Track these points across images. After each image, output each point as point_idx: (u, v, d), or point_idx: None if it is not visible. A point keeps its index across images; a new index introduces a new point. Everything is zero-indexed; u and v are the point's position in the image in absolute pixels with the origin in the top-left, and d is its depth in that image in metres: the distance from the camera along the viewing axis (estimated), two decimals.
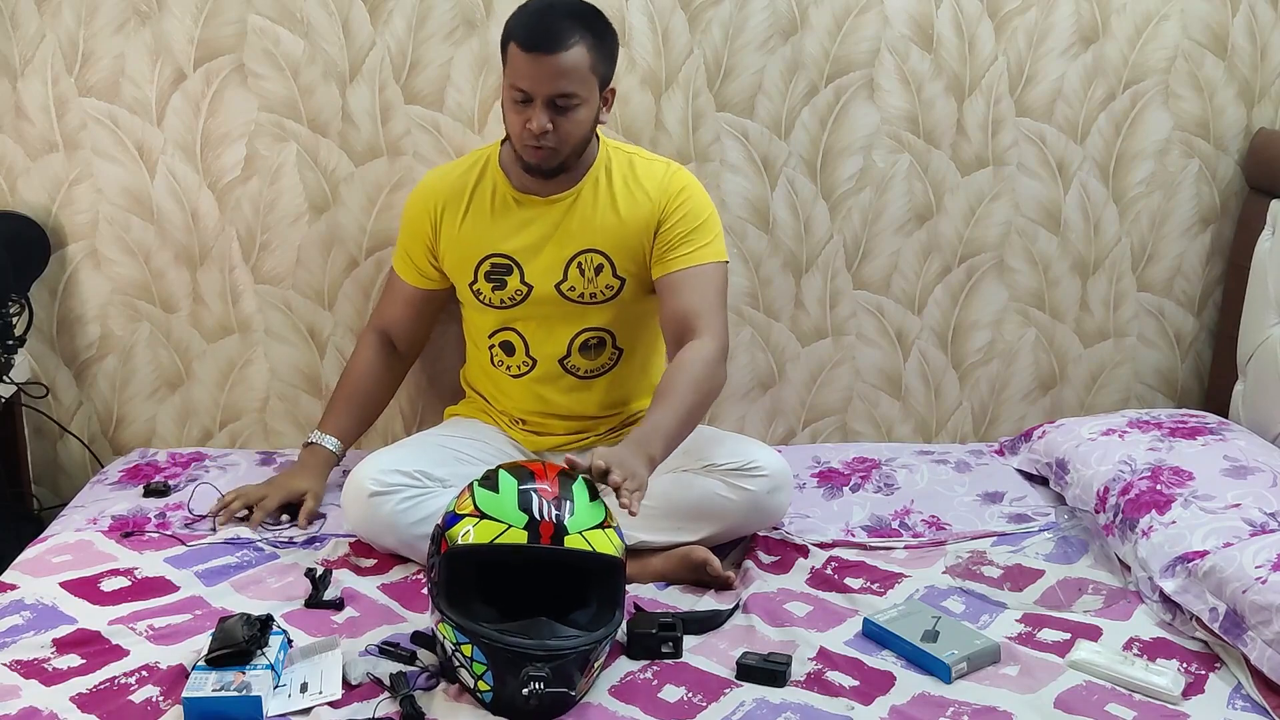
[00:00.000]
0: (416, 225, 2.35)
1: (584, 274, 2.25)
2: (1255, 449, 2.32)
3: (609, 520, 1.84)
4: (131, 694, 1.77)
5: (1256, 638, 1.82)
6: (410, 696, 1.74)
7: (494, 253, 2.27)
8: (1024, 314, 2.84)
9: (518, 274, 2.26)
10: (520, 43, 2.07)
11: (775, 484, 2.21)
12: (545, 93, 2.07)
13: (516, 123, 2.12)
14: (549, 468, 1.88)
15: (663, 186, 2.25)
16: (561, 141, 2.12)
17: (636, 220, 2.24)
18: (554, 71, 2.05)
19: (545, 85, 2.06)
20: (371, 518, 2.13)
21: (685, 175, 2.30)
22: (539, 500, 1.78)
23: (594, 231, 2.24)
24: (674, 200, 2.25)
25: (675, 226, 2.24)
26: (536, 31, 2.06)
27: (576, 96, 2.09)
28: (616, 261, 2.25)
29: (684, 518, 2.17)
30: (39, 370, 2.71)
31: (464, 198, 2.29)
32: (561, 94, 2.07)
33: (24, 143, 2.58)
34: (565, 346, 2.30)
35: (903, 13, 2.61)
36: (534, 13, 2.11)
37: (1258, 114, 2.74)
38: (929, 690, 1.82)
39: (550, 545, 1.76)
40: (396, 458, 2.18)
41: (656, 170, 2.28)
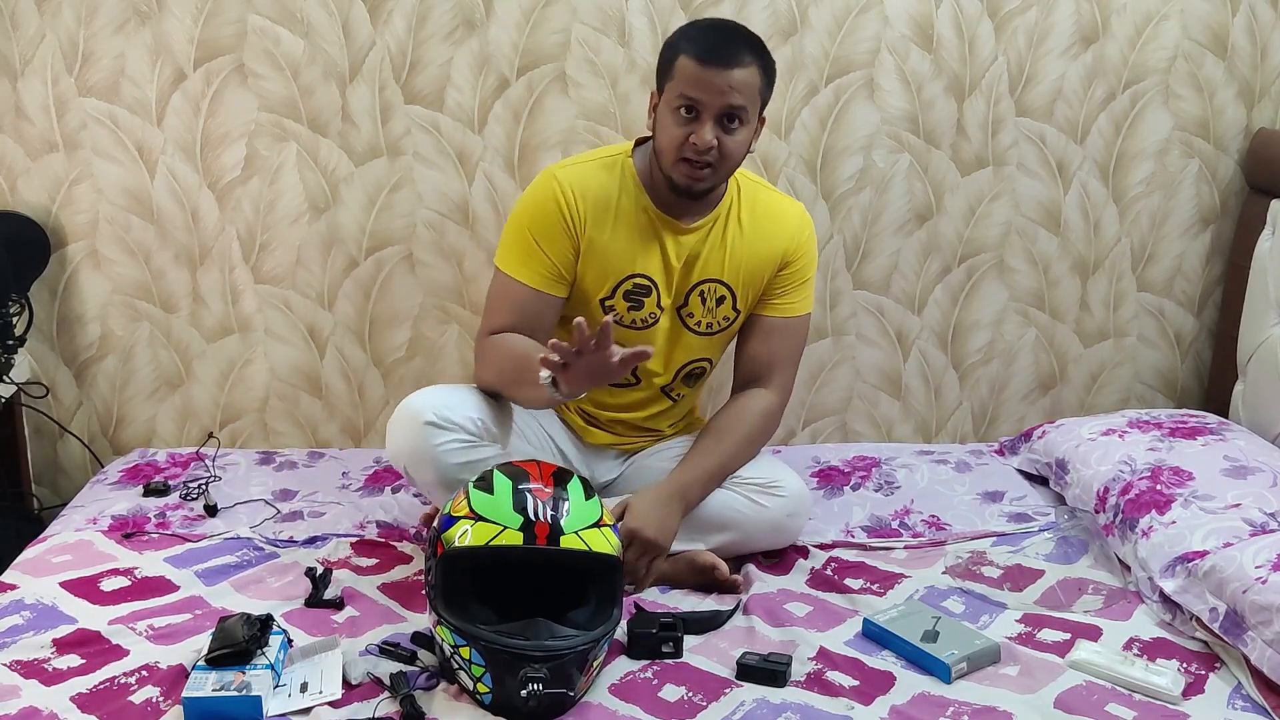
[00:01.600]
0: (556, 224, 2.12)
1: (705, 303, 2.20)
2: (1255, 449, 2.32)
3: (605, 519, 1.84)
4: (131, 694, 1.77)
5: (1256, 638, 1.81)
6: (410, 696, 1.74)
7: (639, 273, 2.16)
8: (1024, 314, 2.84)
9: (655, 296, 2.18)
10: (696, 55, 2.00)
11: (794, 508, 2.21)
12: (717, 105, 2.00)
13: (678, 137, 2.02)
14: (544, 467, 1.88)
15: (796, 229, 2.23)
16: (721, 161, 2.04)
17: (765, 257, 2.20)
18: (729, 85, 1.99)
19: (719, 98, 1.99)
20: (420, 446, 2.04)
21: (810, 221, 2.28)
22: (534, 501, 1.78)
23: (723, 263, 2.18)
24: (802, 247, 2.23)
25: (794, 274, 2.23)
26: (715, 45, 2.01)
27: (744, 114, 2.03)
28: (739, 295, 2.22)
29: (699, 527, 2.16)
30: (39, 370, 2.71)
31: (611, 207, 2.14)
32: (732, 107, 2.00)
33: (24, 143, 2.58)
34: (673, 375, 2.27)
35: (903, 13, 2.61)
36: (710, 29, 2.07)
37: (1258, 114, 2.74)
38: (929, 690, 1.82)
39: (546, 546, 1.75)
40: (459, 396, 2.09)
41: (787, 209, 2.26)
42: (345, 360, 2.75)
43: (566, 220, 2.12)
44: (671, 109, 2.03)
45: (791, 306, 2.25)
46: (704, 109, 2.00)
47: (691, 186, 2.07)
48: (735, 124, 2.03)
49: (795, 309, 2.25)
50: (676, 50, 2.04)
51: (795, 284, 2.24)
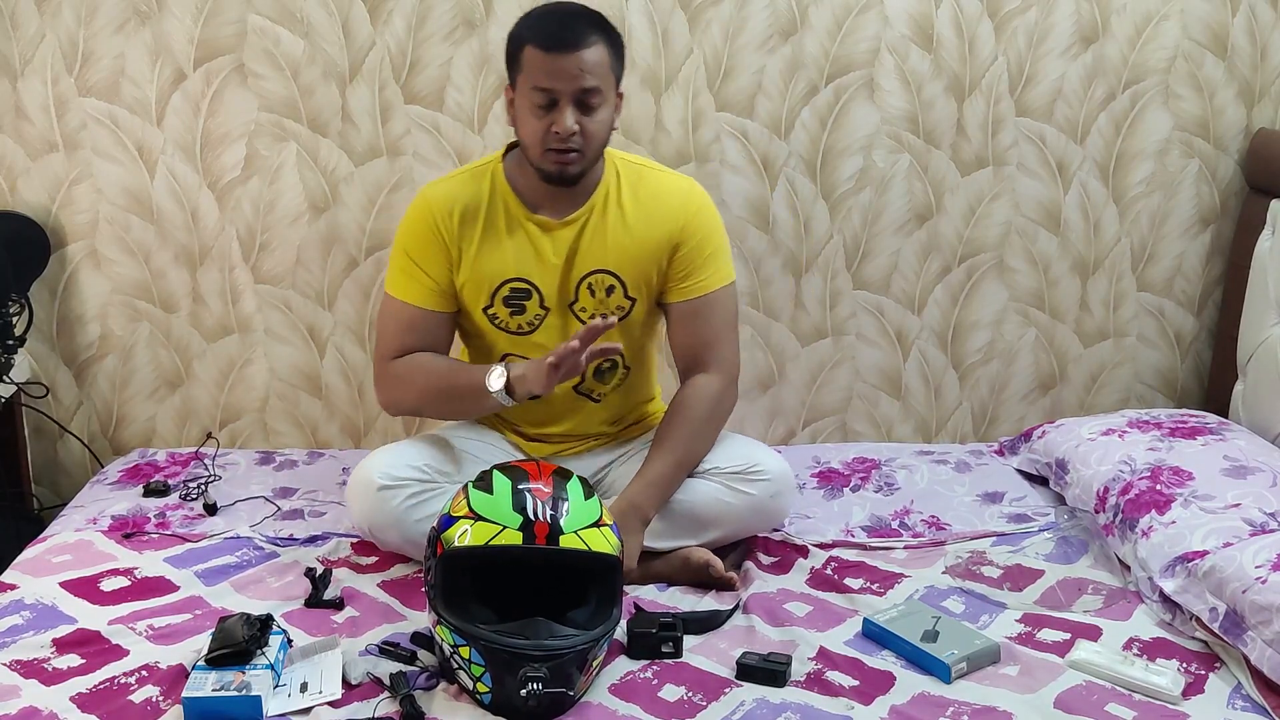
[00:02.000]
0: (431, 240, 2.15)
1: (594, 295, 2.17)
2: (1255, 449, 2.32)
3: (604, 518, 1.84)
4: (131, 694, 1.77)
5: (1256, 638, 1.81)
6: (410, 696, 1.74)
7: (513, 276, 2.16)
8: (1024, 314, 2.84)
9: (537, 298, 2.17)
10: (540, 44, 2.00)
11: (777, 488, 2.20)
12: (572, 89, 2.00)
13: (538, 128, 2.03)
14: (543, 467, 1.88)
15: (681, 207, 2.18)
16: (587, 143, 2.04)
17: (651, 240, 2.16)
18: (579, 68, 1.99)
19: (572, 82, 1.99)
20: (378, 511, 2.10)
21: (701, 194, 2.22)
22: (533, 500, 1.78)
23: (606, 252, 2.16)
24: (693, 223, 2.18)
25: (693, 252, 2.18)
26: (556, 31, 2.01)
27: (600, 93, 2.03)
28: (628, 282, 2.17)
29: (686, 523, 2.16)
30: (39, 370, 2.71)
31: (479, 216, 2.15)
32: (587, 89, 2.00)
33: (24, 143, 2.58)
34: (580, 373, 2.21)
35: (903, 13, 2.61)
36: (547, 15, 2.07)
37: (1258, 114, 2.74)
38: (929, 690, 1.82)
39: (546, 546, 1.76)
40: (403, 452, 2.15)
41: (672, 186, 2.21)
42: (345, 360, 2.75)
43: (438, 235, 2.14)
44: (528, 102, 2.03)
45: (701, 284, 2.19)
46: (560, 96, 2.00)
47: (563, 172, 2.07)
48: (593, 105, 2.03)
49: (706, 285, 2.19)
50: (521, 41, 2.04)
51: (698, 262, 2.18)
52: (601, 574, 1.83)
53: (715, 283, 2.20)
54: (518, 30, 2.07)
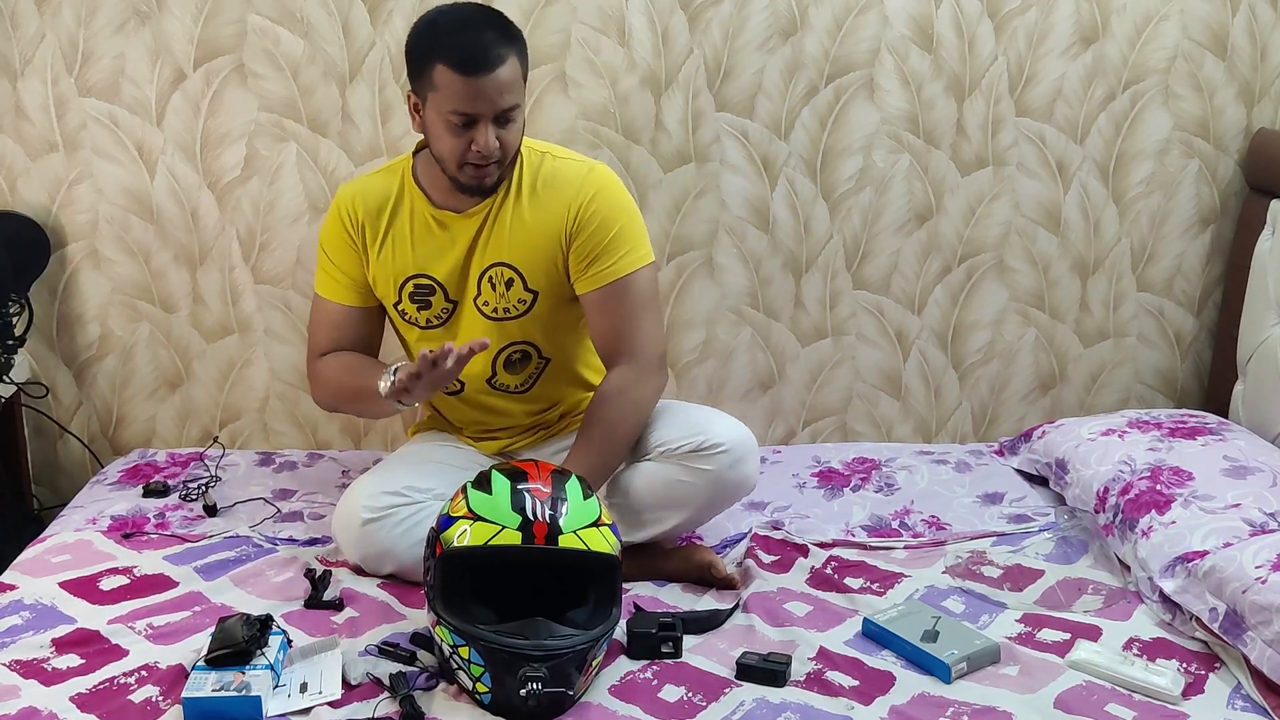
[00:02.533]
0: (341, 238, 2.18)
1: (495, 288, 2.13)
2: (1255, 449, 2.32)
3: (603, 518, 1.84)
4: (131, 694, 1.77)
5: (1256, 638, 1.81)
6: (410, 696, 1.74)
7: (417, 273, 2.15)
8: (1024, 314, 2.84)
9: (441, 293, 2.16)
10: (455, 66, 1.94)
11: (736, 456, 2.11)
12: (492, 112, 1.96)
13: (457, 146, 1.99)
14: (542, 467, 1.88)
15: (574, 195, 2.11)
16: (505, 153, 2.02)
17: (546, 231, 2.11)
18: (497, 89, 1.95)
19: (491, 104, 1.96)
20: (368, 544, 2.08)
21: (599, 179, 2.13)
22: (532, 500, 1.78)
23: (503, 244, 2.12)
24: (585, 209, 2.10)
25: (592, 238, 2.10)
26: (471, 53, 1.94)
27: (518, 106, 2.01)
28: (527, 275, 2.13)
29: (648, 510, 2.12)
30: (39, 370, 2.71)
31: (384, 213, 2.15)
32: (506, 109, 1.98)
33: (24, 143, 2.58)
34: (489, 366, 2.19)
35: (903, 13, 2.61)
36: (460, 30, 1.98)
37: (1258, 114, 2.74)
38: (929, 690, 1.82)
39: (545, 545, 1.75)
40: (380, 480, 2.13)
41: (569, 174, 2.13)
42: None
43: (348, 233, 2.17)
44: (443, 120, 1.98)
45: (607, 271, 2.11)
46: (480, 117, 1.97)
47: (482, 184, 2.05)
48: (511, 118, 2.01)
49: (614, 271, 2.11)
50: (430, 58, 1.97)
51: (600, 248, 2.10)
52: (601, 574, 1.83)
53: (624, 268, 2.12)
54: (424, 43, 2.00)
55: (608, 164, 2.30)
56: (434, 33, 2.00)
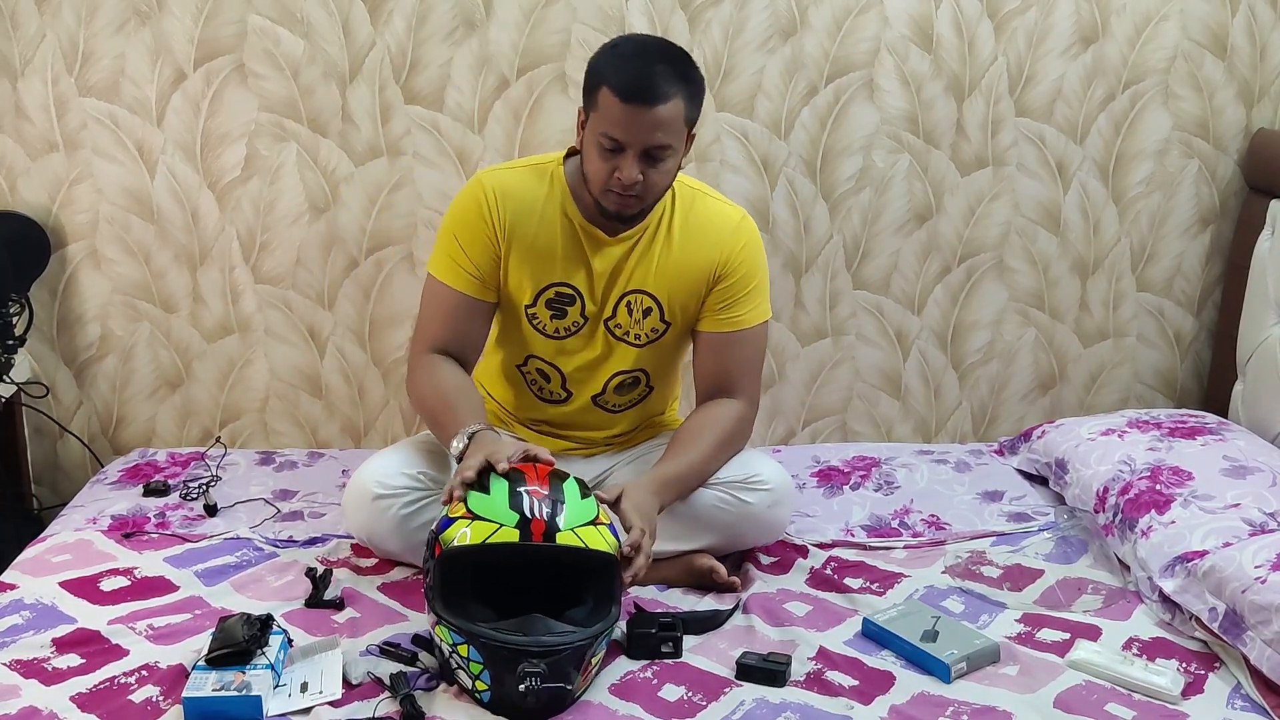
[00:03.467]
0: (480, 226, 2.11)
1: (631, 314, 2.15)
2: (1255, 449, 2.32)
3: (600, 518, 1.84)
4: (131, 694, 1.77)
5: (1256, 638, 1.82)
6: (410, 696, 1.74)
7: (561, 281, 2.13)
8: (1024, 314, 2.84)
9: (580, 306, 2.15)
10: (618, 91, 1.93)
11: (776, 498, 2.18)
12: (641, 145, 1.95)
13: (603, 170, 1.99)
14: (539, 468, 1.88)
15: (729, 240, 2.14)
16: (648, 191, 2.01)
17: (695, 269, 2.14)
18: (652, 124, 1.94)
19: (642, 137, 1.94)
20: (376, 521, 2.10)
21: (751, 228, 2.18)
22: (530, 499, 1.78)
23: (649, 274, 2.13)
24: (737, 257, 2.14)
25: (734, 286, 2.15)
26: (637, 82, 1.93)
27: (670, 149, 1.98)
28: (666, 307, 2.15)
29: (681, 528, 2.14)
30: (39, 370, 2.71)
31: (535, 212, 2.11)
32: (657, 146, 1.96)
33: (24, 143, 2.58)
34: (602, 385, 2.21)
35: (903, 13, 2.61)
36: (633, 58, 1.98)
37: (1257, 114, 2.75)
38: (929, 690, 1.82)
39: (542, 543, 1.76)
40: (399, 460, 2.14)
41: (722, 218, 2.16)
42: (345, 360, 2.75)
43: (489, 223, 2.10)
44: (595, 141, 1.98)
45: (737, 320, 2.16)
46: (628, 146, 1.95)
47: (621, 213, 2.04)
48: (661, 158, 1.98)
49: (742, 321, 2.17)
50: (599, 78, 1.97)
51: (738, 296, 2.16)
52: (599, 572, 1.83)
53: (752, 319, 2.18)
54: (599, 64, 2.01)
55: None
56: (611, 55, 2.00)
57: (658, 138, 1.96)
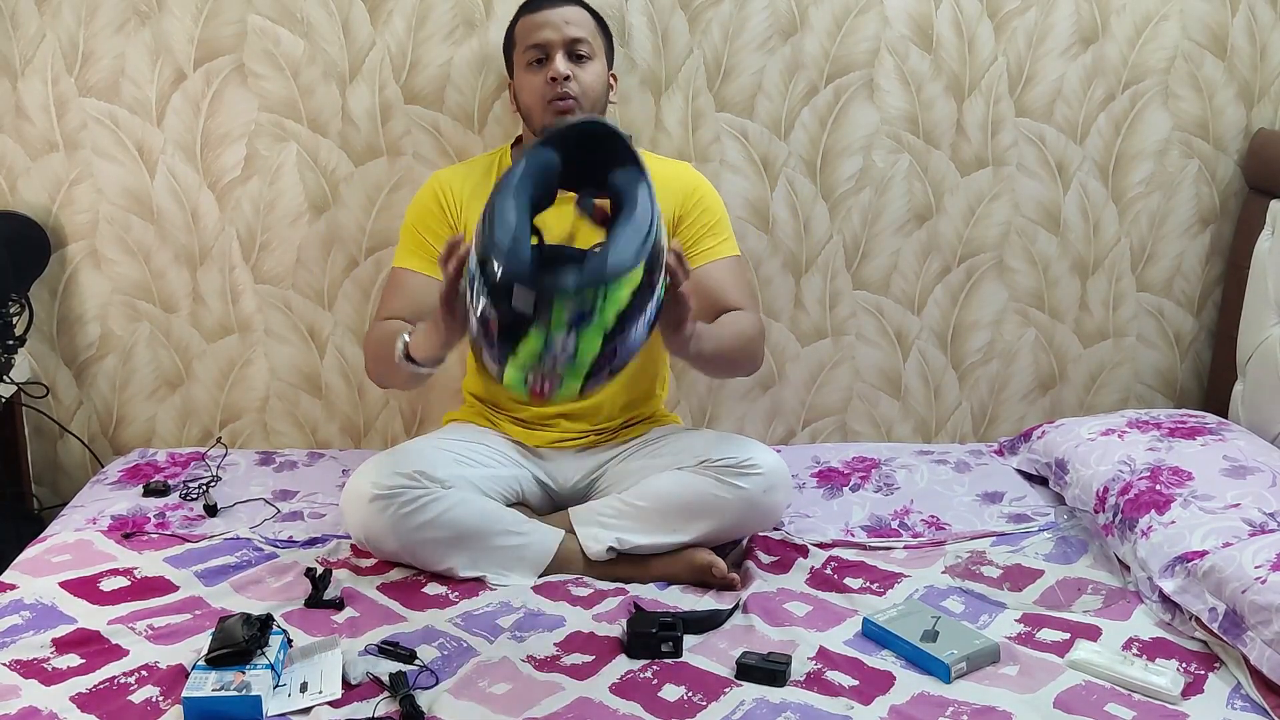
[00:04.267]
0: (435, 214, 2.30)
1: None
2: (1255, 449, 2.32)
3: None
4: (131, 694, 1.77)
5: (1256, 638, 1.81)
6: (410, 696, 1.74)
7: None
8: (1023, 314, 2.84)
9: None
10: (528, 8, 2.23)
11: (771, 483, 2.19)
12: (560, 40, 2.19)
13: (537, 84, 2.20)
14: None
15: (679, 185, 2.28)
16: (583, 93, 2.19)
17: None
18: (564, 20, 2.21)
19: (559, 32, 2.19)
20: (373, 522, 2.11)
21: (698, 174, 2.35)
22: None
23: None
24: (690, 198, 2.28)
25: (694, 224, 2.28)
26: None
27: (588, 44, 2.22)
28: None
29: (677, 517, 2.15)
30: (39, 370, 2.71)
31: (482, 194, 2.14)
32: (574, 40, 2.20)
33: (24, 143, 2.58)
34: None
35: (902, 13, 2.61)
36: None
37: (1257, 114, 2.74)
38: (929, 690, 1.82)
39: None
40: (395, 461, 2.14)
41: (668, 169, 2.32)
42: (345, 360, 2.75)
43: (444, 208, 2.28)
44: (523, 65, 2.23)
45: (709, 251, 2.27)
46: (550, 48, 2.20)
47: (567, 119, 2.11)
48: (583, 54, 2.22)
49: (715, 252, 2.28)
50: (513, 24, 2.29)
51: (700, 232, 2.27)
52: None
53: (721, 251, 2.29)
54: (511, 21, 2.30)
55: None
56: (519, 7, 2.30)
57: (572, 31, 2.21)
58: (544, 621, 2.00)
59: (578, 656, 1.90)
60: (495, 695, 1.79)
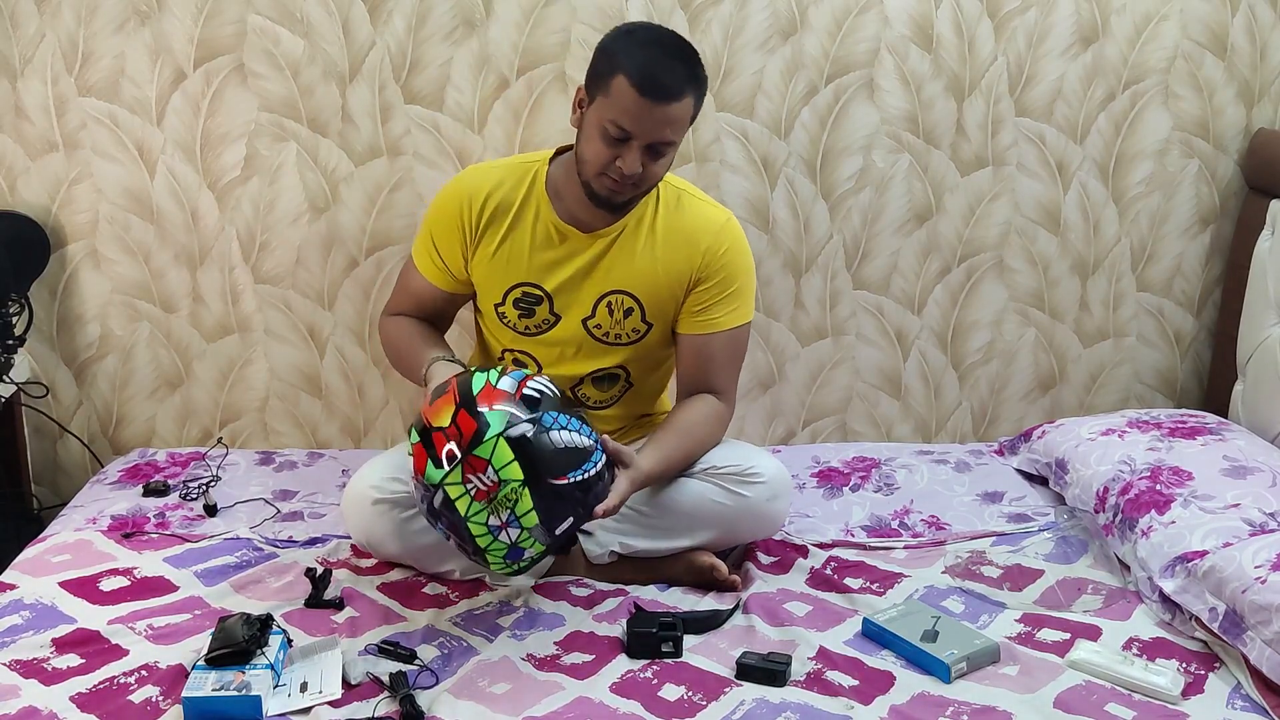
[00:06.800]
0: (453, 226, 2.16)
1: (613, 314, 2.15)
2: (1255, 449, 2.32)
3: None
4: (131, 694, 1.77)
5: (1256, 638, 1.82)
6: (410, 696, 1.74)
7: (528, 282, 2.14)
8: (1024, 314, 2.84)
9: (548, 305, 2.15)
10: (635, 83, 1.92)
11: (774, 491, 2.18)
12: (649, 138, 1.96)
13: (604, 155, 1.98)
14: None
15: (709, 245, 2.13)
16: (644, 182, 2.03)
17: (673, 271, 2.13)
18: (664, 120, 1.96)
19: (652, 132, 1.96)
20: (374, 525, 2.10)
21: (735, 232, 2.17)
22: None
23: (630, 274, 2.13)
24: (716, 261, 2.14)
25: (712, 289, 2.15)
26: (657, 76, 1.93)
27: (674, 144, 2.01)
28: (648, 307, 2.15)
29: (679, 523, 2.15)
30: (39, 370, 2.71)
31: (508, 215, 2.13)
32: (663, 141, 1.98)
33: (24, 143, 2.58)
34: (579, 377, 2.21)
35: (903, 13, 2.61)
36: (654, 54, 1.96)
37: (1257, 114, 2.75)
38: (929, 690, 1.82)
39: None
40: (396, 464, 2.13)
41: (705, 220, 2.15)
42: (345, 360, 2.75)
43: (462, 223, 2.15)
44: (599, 127, 1.97)
45: (713, 322, 2.16)
46: (635, 138, 1.96)
47: (611, 199, 2.05)
48: (663, 152, 2.00)
49: (718, 324, 2.16)
50: (615, 66, 1.95)
51: (715, 300, 2.15)
52: None
53: (728, 322, 2.17)
54: (615, 49, 1.98)
55: None
56: (629, 43, 1.99)
57: (666, 134, 1.98)
58: (544, 621, 2.00)
59: (578, 656, 1.90)
60: (495, 695, 1.79)
